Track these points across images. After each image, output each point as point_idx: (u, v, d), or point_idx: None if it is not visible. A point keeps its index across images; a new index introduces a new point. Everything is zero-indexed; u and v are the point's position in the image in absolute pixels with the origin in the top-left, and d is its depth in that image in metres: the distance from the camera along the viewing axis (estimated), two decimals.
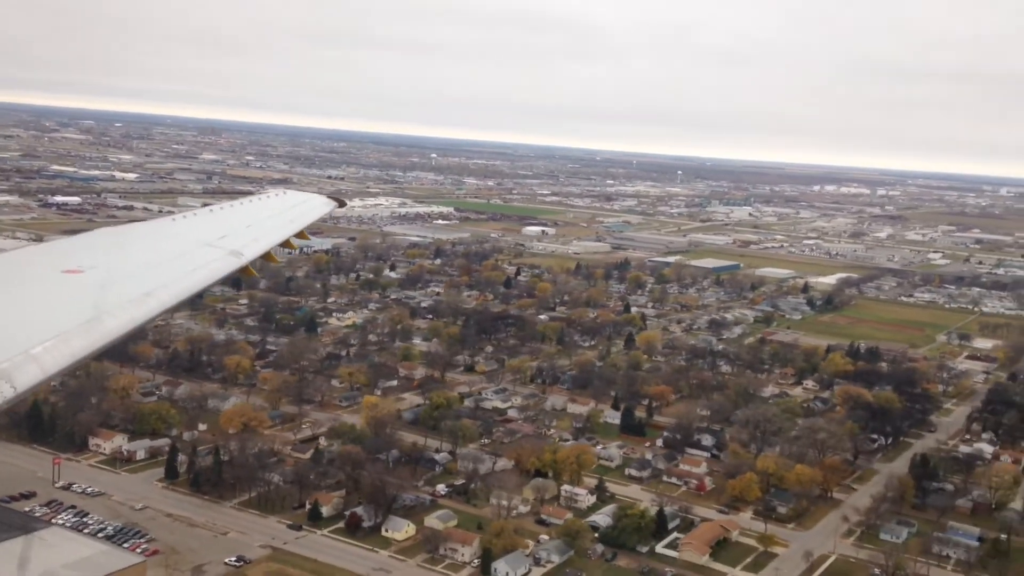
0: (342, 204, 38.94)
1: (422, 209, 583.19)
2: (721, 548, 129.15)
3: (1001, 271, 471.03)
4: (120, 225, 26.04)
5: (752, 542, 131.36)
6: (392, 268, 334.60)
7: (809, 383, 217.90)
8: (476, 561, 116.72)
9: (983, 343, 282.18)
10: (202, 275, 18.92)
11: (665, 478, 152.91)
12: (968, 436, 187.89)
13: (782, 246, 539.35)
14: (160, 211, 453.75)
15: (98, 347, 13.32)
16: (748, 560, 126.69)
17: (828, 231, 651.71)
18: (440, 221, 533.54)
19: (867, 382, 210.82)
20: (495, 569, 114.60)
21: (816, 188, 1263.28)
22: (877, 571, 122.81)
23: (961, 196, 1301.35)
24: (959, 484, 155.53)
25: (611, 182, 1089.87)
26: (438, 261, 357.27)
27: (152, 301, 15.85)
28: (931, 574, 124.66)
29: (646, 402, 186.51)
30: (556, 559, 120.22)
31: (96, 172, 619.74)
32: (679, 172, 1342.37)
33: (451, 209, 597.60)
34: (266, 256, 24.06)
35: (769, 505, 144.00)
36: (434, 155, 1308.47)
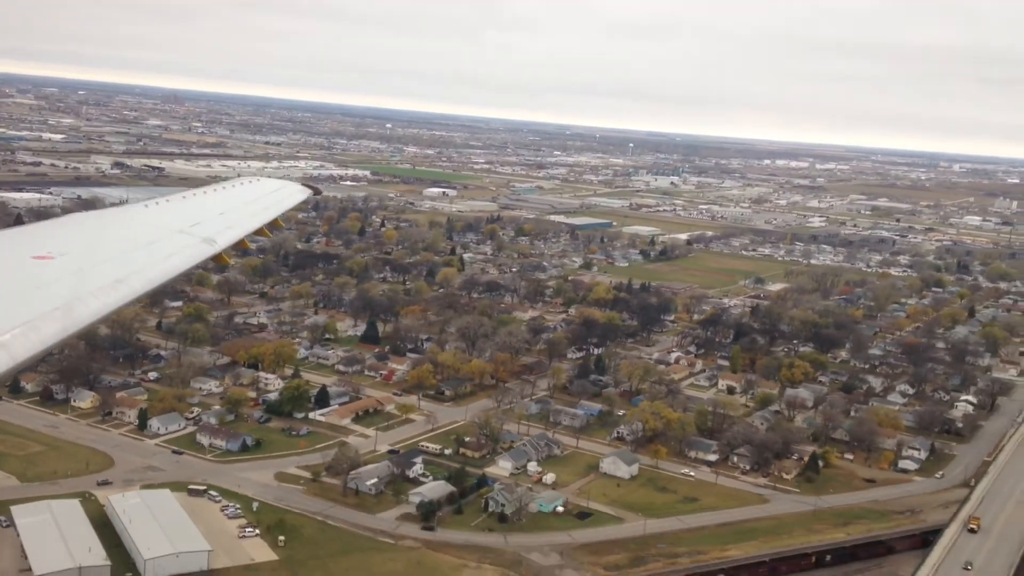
0: (318, 192, 36.83)
1: (338, 172, 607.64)
2: (368, 416, 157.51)
3: (867, 232, 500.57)
4: (92, 211, 25.94)
5: (397, 412, 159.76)
6: None
7: (572, 309, 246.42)
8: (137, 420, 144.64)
9: (775, 286, 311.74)
10: (175, 262, 18.76)
11: (366, 372, 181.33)
12: (675, 348, 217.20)
13: (674, 210, 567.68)
14: (66, 167, 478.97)
15: (69, 334, 13.10)
16: (383, 424, 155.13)
17: (735, 198, 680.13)
18: (349, 182, 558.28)
19: (617, 308, 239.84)
20: (150, 425, 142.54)
21: (767, 162, 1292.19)
22: (481, 430, 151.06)
23: (910, 171, 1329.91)
24: (618, 378, 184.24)
25: (558, 153, 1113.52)
26: (312, 214, 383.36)
27: (124, 288, 15.59)
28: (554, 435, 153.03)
29: (396, 319, 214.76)
30: (214, 421, 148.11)
31: (25, 133, 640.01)
32: (631, 145, 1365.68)
33: (368, 173, 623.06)
34: (239, 244, 23.69)
35: (439, 389, 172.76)
36: (389, 125, 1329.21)
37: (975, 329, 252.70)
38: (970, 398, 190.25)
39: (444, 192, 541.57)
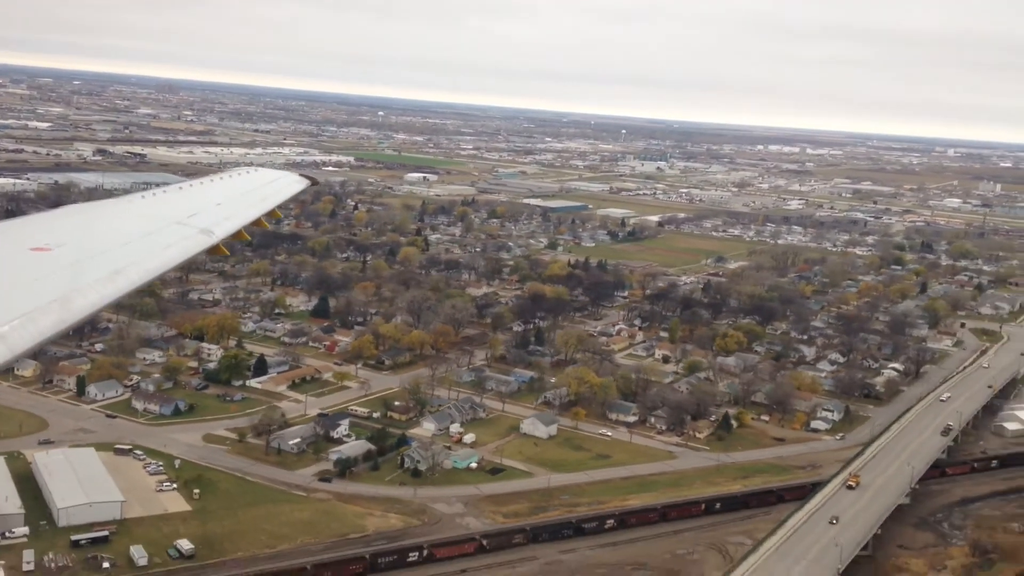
0: (315, 182, 39.09)
1: (322, 158, 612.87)
2: (305, 383, 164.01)
3: (842, 214, 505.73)
4: (90, 202, 26.39)
5: (334, 380, 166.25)
6: None
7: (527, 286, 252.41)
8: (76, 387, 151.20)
9: (735, 264, 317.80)
10: (172, 253, 18.87)
11: (311, 343, 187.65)
12: (620, 321, 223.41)
13: (654, 193, 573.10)
14: (48, 154, 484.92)
15: (67, 325, 13.13)
16: (318, 390, 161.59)
17: (719, 182, 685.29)
18: (331, 168, 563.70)
19: (570, 284, 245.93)
20: (88, 391, 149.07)
21: (760, 147, 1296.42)
22: (410, 394, 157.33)
23: (904, 156, 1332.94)
24: (555, 348, 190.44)
25: (549, 139, 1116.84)
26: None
27: (121, 279, 15.66)
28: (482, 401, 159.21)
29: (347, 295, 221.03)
30: (151, 387, 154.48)
31: (11, 121, 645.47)
32: (623, 131, 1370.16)
33: (351, 159, 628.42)
34: (236, 234, 23.73)
35: (379, 359, 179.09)
36: (381, 113, 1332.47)
37: (923, 303, 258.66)
38: (896, 366, 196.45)
39: (424, 177, 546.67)
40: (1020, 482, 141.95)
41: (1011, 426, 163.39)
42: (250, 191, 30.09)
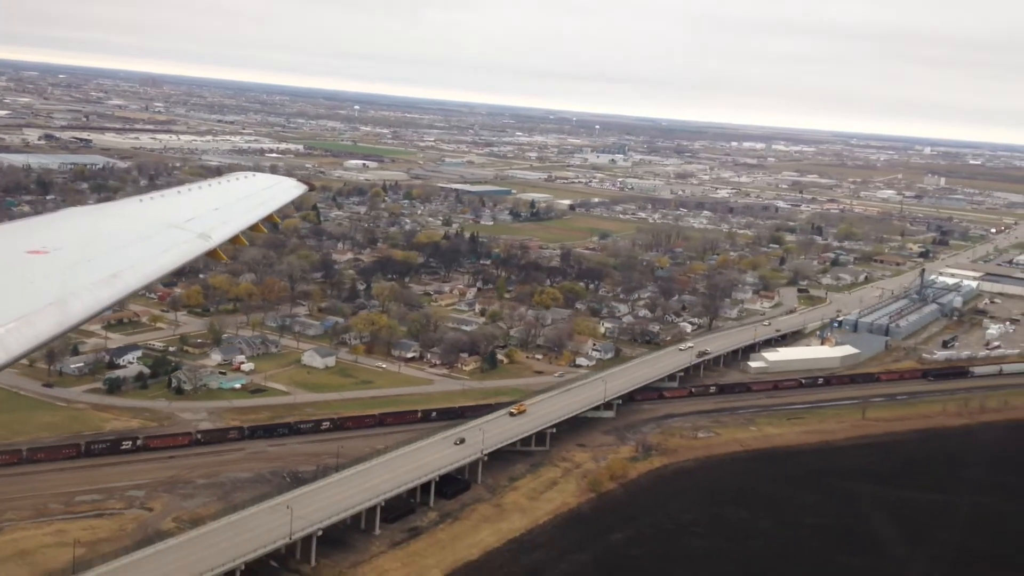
0: (312, 188, 39.43)
1: (271, 145, 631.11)
2: (121, 324, 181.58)
3: (759, 202, 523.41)
4: (87, 206, 27.29)
5: (148, 322, 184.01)
6: (151, 179, 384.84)
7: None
8: None
9: (621, 241, 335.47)
10: (169, 257, 18.92)
11: (148, 295, 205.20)
12: (460, 283, 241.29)
13: (589, 182, 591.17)
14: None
15: (64, 329, 13.11)
16: (131, 330, 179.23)
17: (662, 173, 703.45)
18: (275, 155, 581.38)
19: (428, 251, 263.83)
20: None
21: (734, 144, 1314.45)
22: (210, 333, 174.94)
23: (878, 153, 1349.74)
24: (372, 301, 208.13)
25: (520, 134, 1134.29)
26: (198, 179, 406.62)
27: (119, 283, 15.68)
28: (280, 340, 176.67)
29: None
30: None
31: None
32: (597, 127, 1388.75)
33: (300, 147, 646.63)
34: (234, 239, 23.92)
35: (205, 307, 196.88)
36: (357, 107, 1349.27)
37: (765, 272, 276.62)
38: (693, 319, 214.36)
39: (364, 164, 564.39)
40: (725, 405, 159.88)
41: (754, 364, 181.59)
42: (247, 196, 30.11)
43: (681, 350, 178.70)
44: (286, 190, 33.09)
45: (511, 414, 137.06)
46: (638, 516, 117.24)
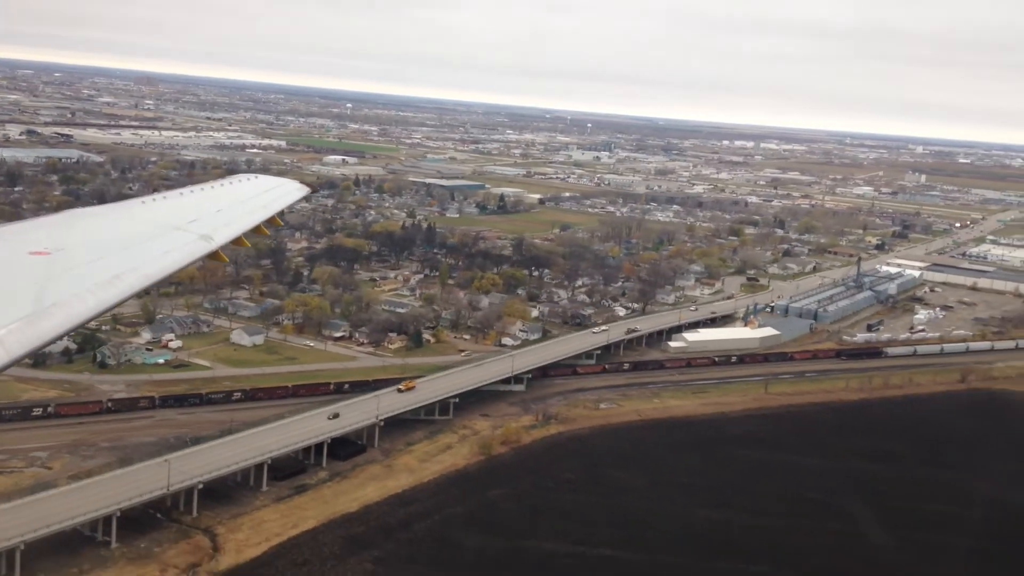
0: (314, 190, 51.66)
1: (254, 141, 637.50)
2: None
3: (730, 197, 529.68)
4: (90, 207, 27.10)
5: None
6: (123, 173, 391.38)
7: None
8: None
9: (582, 233, 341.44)
10: (172, 259, 19.00)
11: None
12: (408, 272, 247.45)
13: (567, 178, 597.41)
14: None
15: (65, 329, 13.19)
16: None
17: (643, 170, 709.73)
18: (255, 150, 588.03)
19: (377, 240, 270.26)
20: None
21: (725, 143, 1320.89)
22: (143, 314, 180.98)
23: (869, 152, 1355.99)
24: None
25: (510, 132, 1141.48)
26: (174, 173, 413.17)
27: (121, 284, 15.74)
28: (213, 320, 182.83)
29: None
30: None
31: None
32: (589, 125, 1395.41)
33: (283, 143, 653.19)
34: (236, 241, 23.89)
35: (146, 289, 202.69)
36: (349, 105, 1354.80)
37: (715, 261, 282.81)
38: (627, 304, 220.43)
39: (344, 159, 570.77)
40: (636, 380, 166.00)
41: (674, 344, 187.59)
42: (250, 198, 30.17)
43: (594, 332, 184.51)
44: (289, 192, 33.32)
45: (399, 391, 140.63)
46: (521, 476, 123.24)
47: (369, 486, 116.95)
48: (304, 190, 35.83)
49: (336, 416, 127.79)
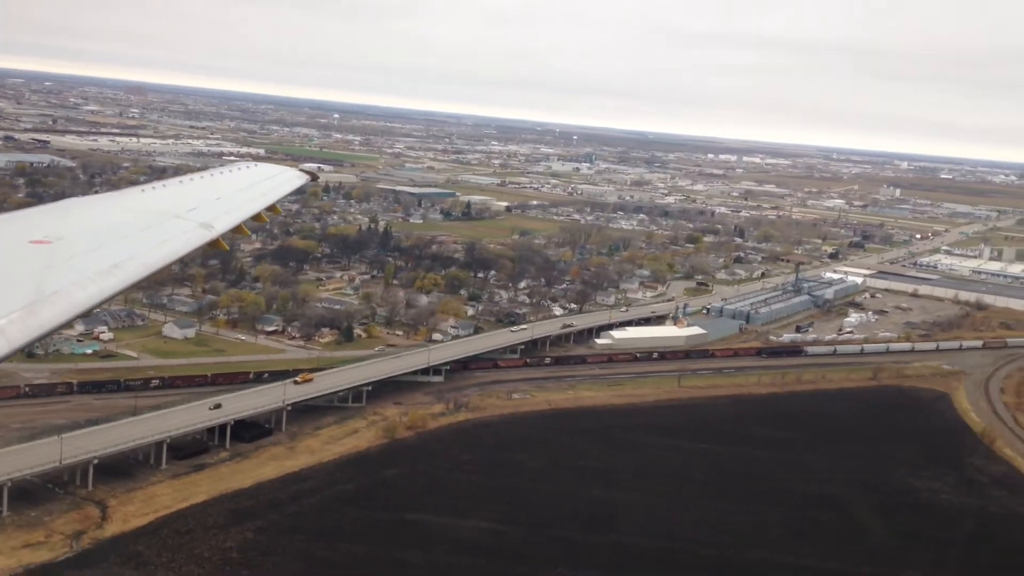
0: (315, 177, 38.98)
1: (229, 149, 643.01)
2: None
3: (702, 208, 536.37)
4: (90, 196, 26.61)
5: None
6: (91, 177, 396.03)
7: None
8: None
9: (540, 239, 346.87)
10: (172, 247, 18.88)
11: None
12: (353, 272, 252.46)
13: (542, 187, 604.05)
14: None
15: (67, 318, 13.17)
16: None
17: (619, 180, 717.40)
18: (232, 158, 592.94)
19: (329, 242, 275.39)
20: None
21: (710, 156, 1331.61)
22: None
23: (849, 167, 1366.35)
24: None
25: (495, 143, 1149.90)
26: (143, 178, 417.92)
27: (121, 273, 15.73)
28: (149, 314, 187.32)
29: None
30: None
31: None
32: (574, 137, 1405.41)
33: (261, 151, 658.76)
34: (236, 229, 23.93)
35: None
36: (336, 115, 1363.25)
37: (661, 266, 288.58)
38: (565, 304, 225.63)
39: (320, 167, 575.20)
40: (555, 374, 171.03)
41: (600, 341, 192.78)
42: (250, 186, 30.26)
43: (512, 331, 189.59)
44: (289, 180, 33.46)
45: (296, 383, 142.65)
46: (420, 458, 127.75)
47: (268, 465, 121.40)
48: (304, 178, 35.90)
49: (218, 406, 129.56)
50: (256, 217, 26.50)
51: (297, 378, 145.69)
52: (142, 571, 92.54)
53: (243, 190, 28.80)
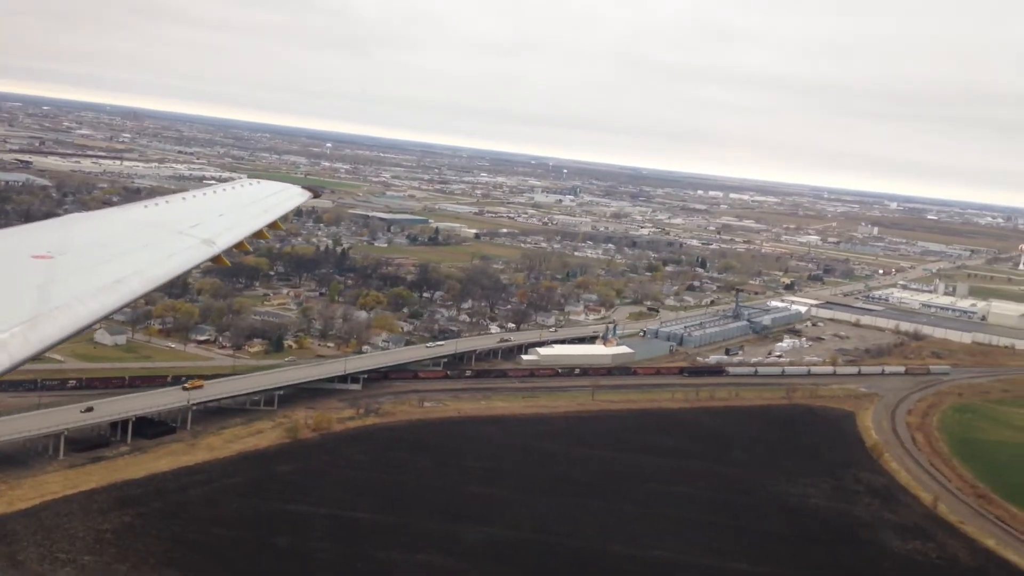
0: (317, 195, 39.07)
1: (215, 174, 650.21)
2: None
3: (671, 240, 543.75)
4: (93, 211, 26.31)
5: None
6: (63, 196, 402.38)
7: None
8: None
9: (499, 264, 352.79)
10: (174, 263, 19.00)
11: None
12: (301, 289, 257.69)
13: (519, 216, 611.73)
14: None
15: (68, 333, 13.17)
16: None
17: (598, 212, 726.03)
18: (212, 182, 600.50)
19: (282, 261, 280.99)
20: None
21: (699, 192, 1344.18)
22: None
23: (836, 206, 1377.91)
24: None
25: (483, 175, 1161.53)
26: (116, 199, 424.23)
27: (123, 288, 15.76)
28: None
29: None
30: None
31: None
32: (564, 171, 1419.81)
33: (244, 176, 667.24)
34: (238, 245, 24.05)
35: None
36: (328, 145, 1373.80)
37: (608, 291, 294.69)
38: (504, 323, 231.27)
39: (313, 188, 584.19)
40: (475, 386, 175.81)
41: (526, 358, 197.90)
42: (252, 202, 30.43)
43: (428, 347, 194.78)
44: (291, 196, 33.69)
45: (184, 388, 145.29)
46: (317, 456, 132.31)
47: (164, 459, 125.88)
48: (305, 195, 36.19)
49: (89, 410, 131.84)
50: (258, 234, 26.88)
51: (186, 384, 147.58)
52: (11, 546, 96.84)
53: (246, 206, 29.40)
